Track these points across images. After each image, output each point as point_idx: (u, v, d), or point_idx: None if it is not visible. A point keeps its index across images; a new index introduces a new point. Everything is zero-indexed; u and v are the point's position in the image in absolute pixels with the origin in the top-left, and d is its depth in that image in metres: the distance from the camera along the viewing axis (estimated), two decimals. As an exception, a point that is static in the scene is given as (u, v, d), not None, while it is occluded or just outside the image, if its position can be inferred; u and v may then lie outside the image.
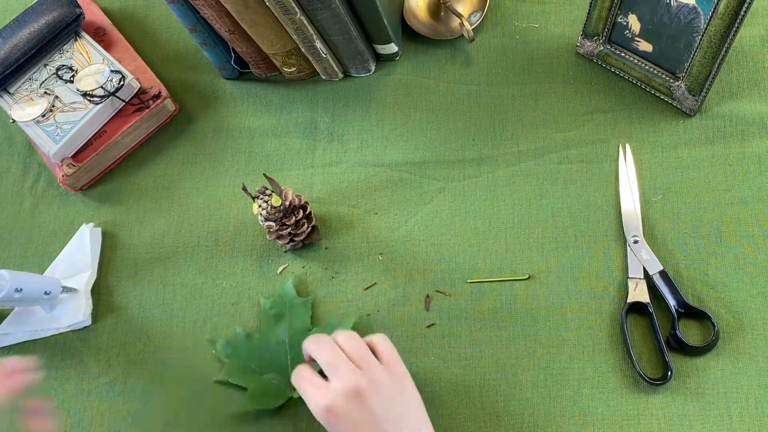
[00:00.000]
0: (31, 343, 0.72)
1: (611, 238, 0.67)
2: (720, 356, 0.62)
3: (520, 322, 0.66)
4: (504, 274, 0.68)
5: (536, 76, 0.75)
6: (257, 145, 0.78)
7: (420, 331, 0.67)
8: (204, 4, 0.68)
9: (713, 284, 0.64)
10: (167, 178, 0.78)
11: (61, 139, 0.75)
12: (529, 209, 0.70)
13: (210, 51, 0.77)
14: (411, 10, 0.79)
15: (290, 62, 0.76)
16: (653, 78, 0.70)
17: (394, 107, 0.77)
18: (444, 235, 0.70)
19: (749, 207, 0.66)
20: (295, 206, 0.69)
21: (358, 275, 0.70)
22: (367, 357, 0.56)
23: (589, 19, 0.71)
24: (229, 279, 0.72)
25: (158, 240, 0.75)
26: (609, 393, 0.62)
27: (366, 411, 0.52)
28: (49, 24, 0.78)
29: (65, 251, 0.75)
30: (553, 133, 0.73)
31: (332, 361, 0.55)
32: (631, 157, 0.70)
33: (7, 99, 0.78)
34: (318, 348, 0.57)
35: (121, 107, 0.77)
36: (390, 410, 0.53)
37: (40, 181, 0.81)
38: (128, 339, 0.71)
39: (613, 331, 0.64)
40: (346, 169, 0.75)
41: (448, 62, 0.78)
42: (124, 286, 0.74)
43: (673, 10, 0.64)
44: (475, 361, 0.65)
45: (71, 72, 0.78)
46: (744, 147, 0.69)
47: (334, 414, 0.53)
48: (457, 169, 0.73)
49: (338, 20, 0.69)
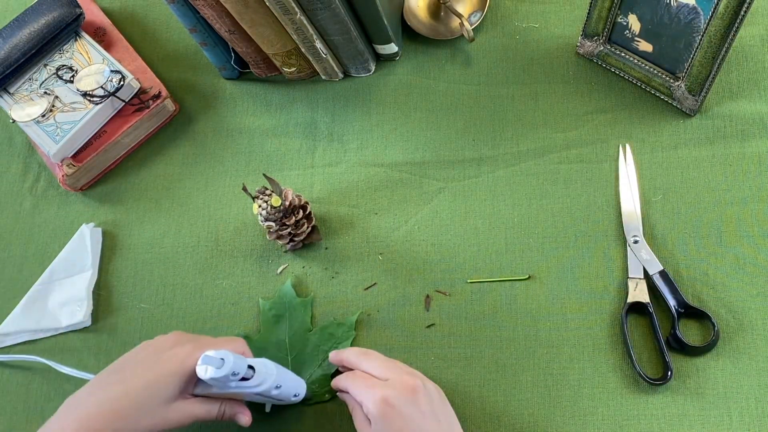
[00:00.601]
0: (31, 343, 0.73)
1: (611, 238, 0.67)
2: (720, 356, 0.62)
3: (520, 322, 0.66)
4: (504, 274, 0.68)
5: (536, 76, 0.75)
6: (257, 145, 0.78)
7: (420, 331, 0.67)
8: (204, 4, 0.68)
9: (713, 284, 0.64)
10: (167, 178, 0.78)
11: (61, 139, 0.75)
12: (529, 209, 0.70)
13: (210, 51, 0.77)
14: (411, 10, 0.79)
15: (290, 62, 0.76)
16: (653, 78, 0.70)
17: (394, 107, 0.77)
18: (444, 235, 0.70)
19: (749, 207, 0.66)
20: (295, 206, 0.69)
21: (358, 275, 0.70)
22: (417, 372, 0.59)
23: (589, 19, 0.71)
24: (229, 279, 0.72)
25: (158, 240, 0.75)
26: (609, 393, 0.62)
27: (417, 408, 0.54)
28: (49, 24, 0.78)
29: (65, 251, 0.75)
30: (553, 133, 0.73)
31: (389, 365, 0.58)
32: (631, 157, 0.70)
33: (7, 99, 0.78)
34: (369, 358, 0.59)
35: (121, 107, 0.77)
36: (437, 413, 0.56)
37: (40, 181, 0.81)
38: (128, 339, 0.71)
39: (613, 331, 0.64)
40: (346, 169, 0.75)
41: (448, 62, 0.78)
42: (124, 286, 0.74)
43: (673, 10, 0.64)
44: (475, 361, 0.65)
45: (71, 72, 0.78)
46: (744, 147, 0.69)
47: (390, 405, 0.54)
48: (457, 169, 0.73)
49: (338, 20, 0.69)
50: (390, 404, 0.54)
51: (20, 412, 0.70)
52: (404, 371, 0.57)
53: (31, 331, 0.72)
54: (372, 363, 0.58)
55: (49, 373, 0.71)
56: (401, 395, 0.54)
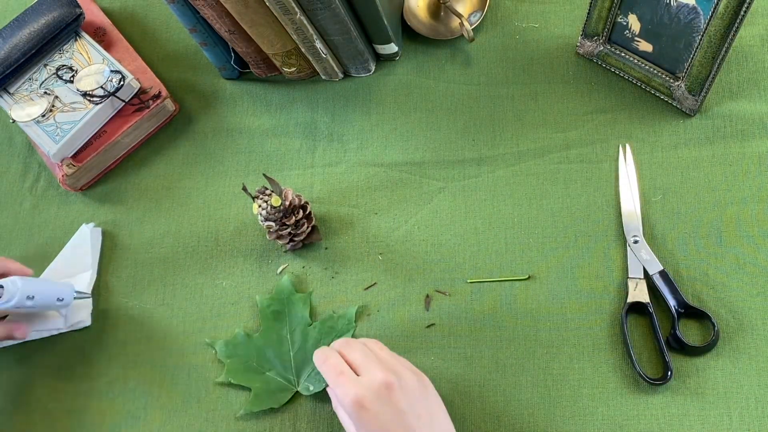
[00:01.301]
0: (31, 343, 0.72)
1: (611, 238, 0.67)
2: (720, 356, 0.62)
3: (520, 322, 0.66)
4: (504, 274, 0.68)
5: (536, 76, 0.75)
6: (257, 145, 0.78)
7: (420, 331, 0.67)
8: (204, 4, 0.68)
9: (713, 284, 0.64)
10: (167, 178, 0.78)
11: (61, 139, 0.75)
12: (529, 209, 0.70)
13: (210, 51, 0.77)
14: (411, 10, 0.79)
15: (290, 62, 0.76)
16: (653, 78, 0.70)
17: (394, 107, 0.77)
18: (444, 235, 0.70)
19: (749, 207, 0.66)
20: (295, 206, 0.69)
21: (358, 275, 0.70)
22: (395, 361, 0.58)
23: (589, 19, 0.71)
24: (229, 279, 0.72)
25: (158, 240, 0.75)
26: (609, 393, 0.62)
27: (393, 406, 0.54)
28: (49, 24, 0.78)
29: (65, 251, 0.75)
30: (553, 133, 0.73)
31: (365, 358, 0.57)
32: (631, 157, 0.70)
33: (7, 99, 0.78)
34: (350, 347, 0.58)
35: (121, 107, 0.77)
36: (415, 408, 0.54)
37: (40, 181, 0.81)
38: (128, 339, 0.71)
39: (613, 331, 0.64)
40: (346, 169, 0.75)
41: (448, 62, 0.78)
42: (124, 286, 0.74)
43: (673, 10, 0.64)
44: (475, 361, 0.65)
45: (71, 72, 0.78)
46: (744, 147, 0.69)
47: (363, 407, 0.53)
48: (457, 169, 0.73)
49: (338, 20, 0.69)
50: (364, 406, 0.53)
51: (20, 412, 0.70)
52: (380, 366, 0.56)
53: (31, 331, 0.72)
54: (352, 352, 0.58)
55: (49, 373, 0.71)
56: (375, 395, 0.54)
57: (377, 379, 0.54)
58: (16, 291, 0.63)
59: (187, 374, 0.69)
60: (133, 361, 0.70)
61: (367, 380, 0.55)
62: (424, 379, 0.57)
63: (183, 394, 0.68)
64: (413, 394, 0.55)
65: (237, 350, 0.68)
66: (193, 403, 0.67)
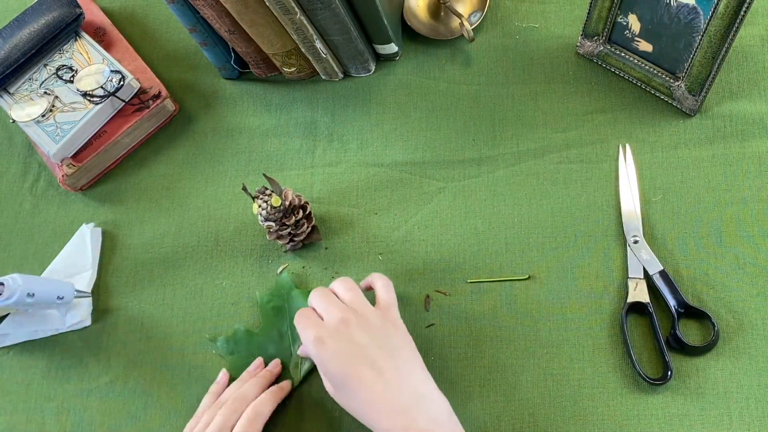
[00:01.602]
0: (31, 343, 0.73)
1: (611, 238, 0.67)
2: (720, 356, 0.62)
3: (520, 322, 0.66)
4: (504, 274, 0.68)
5: (536, 76, 0.75)
6: (257, 145, 0.78)
7: (420, 331, 0.67)
8: (204, 4, 0.68)
9: (713, 284, 0.64)
10: (167, 178, 0.78)
11: (61, 139, 0.75)
12: (529, 209, 0.70)
13: (210, 51, 0.77)
14: (411, 10, 0.79)
15: (290, 62, 0.76)
16: (653, 78, 0.70)
17: (394, 107, 0.77)
18: (444, 235, 0.70)
19: (749, 207, 0.66)
20: (295, 206, 0.69)
21: (358, 275, 0.70)
22: (358, 299, 0.60)
23: (589, 19, 0.71)
24: (229, 279, 0.72)
25: (158, 240, 0.75)
26: (609, 393, 0.62)
27: (350, 340, 0.56)
28: (49, 24, 0.78)
29: (65, 251, 0.75)
30: (553, 133, 0.73)
31: (323, 301, 0.60)
32: (631, 157, 0.70)
33: (7, 99, 0.78)
34: (314, 296, 0.61)
35: (121, 107, 0.77)
36: (376, 341, 0.56)
37: (40, 181, 0.81)
38: (128, 339, 0.71)
39: (613, 331, 0.64)
40: (346, 169, 0.75)
41: (448, 62, 0.78)
42: (124, 286, 0.74)
43: (673, 10, 0.64)
44: (475, 361, 0.65)
45: (71, 72, 0.78)
46: (744, 147, 0.69)
47: (321, 343, 0.56)
48: (457, 169, 0.73)
49: (338, 20, 0.69)
50: (324, 343, 0.56)
51: (20, 412, 0.70)
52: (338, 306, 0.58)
53: (31, 330, 0.72)
54: (314, 300, 0.60)
55: (49, 373, 0.71)
56: (333, 331, 0.56)
57: (335, 317, 0.57)
58: (16, 288, 0.64)
59: (187, 374, 0.69)
60: (133, 361, 0.70)
61: (326, 320, 0.58)
62: (390, 316, 0.60)
63: (183, 394, 0.68)
64: (372, 328, 0.57)
65: (238, 346, 0.69)
66: (194, 402, 0.67)
